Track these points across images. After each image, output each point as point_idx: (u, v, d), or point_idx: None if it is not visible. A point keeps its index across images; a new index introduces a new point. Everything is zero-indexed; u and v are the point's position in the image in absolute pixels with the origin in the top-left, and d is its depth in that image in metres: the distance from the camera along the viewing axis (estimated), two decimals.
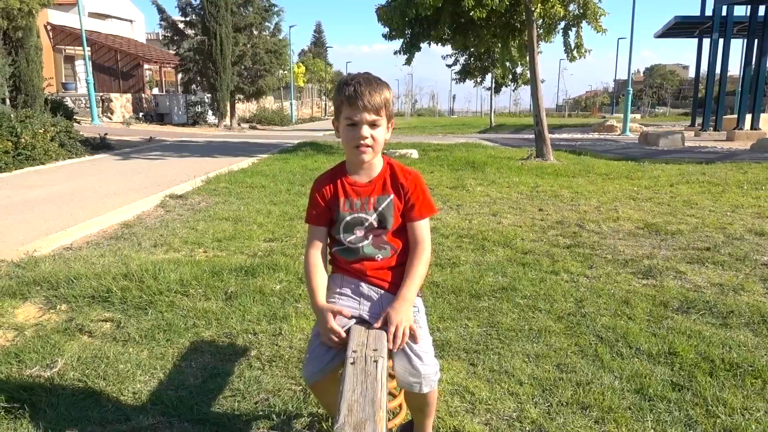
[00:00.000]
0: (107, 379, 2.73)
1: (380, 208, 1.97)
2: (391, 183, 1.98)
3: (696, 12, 25.88)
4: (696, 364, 2.85)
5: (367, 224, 1.97)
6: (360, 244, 1.97)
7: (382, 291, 1.98)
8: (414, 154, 13.41)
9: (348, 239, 1.97)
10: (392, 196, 1.97)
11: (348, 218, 1.97)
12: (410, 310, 1.90)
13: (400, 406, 2.19)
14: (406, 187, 1.97)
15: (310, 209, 2.01)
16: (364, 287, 1.98)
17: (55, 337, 3.17)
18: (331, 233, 2.02)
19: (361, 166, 1.97)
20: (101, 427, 2.38)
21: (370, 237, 1.97)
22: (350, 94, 1.85)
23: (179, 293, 3.81)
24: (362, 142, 1.88)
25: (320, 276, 1.98)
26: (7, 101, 15.07)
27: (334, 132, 1.99)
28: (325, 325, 1.88)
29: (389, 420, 2.04)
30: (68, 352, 2.97)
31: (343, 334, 1.86)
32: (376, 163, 1.98)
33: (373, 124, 1.88)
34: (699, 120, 26.97)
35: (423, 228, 2.00)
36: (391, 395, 2.20)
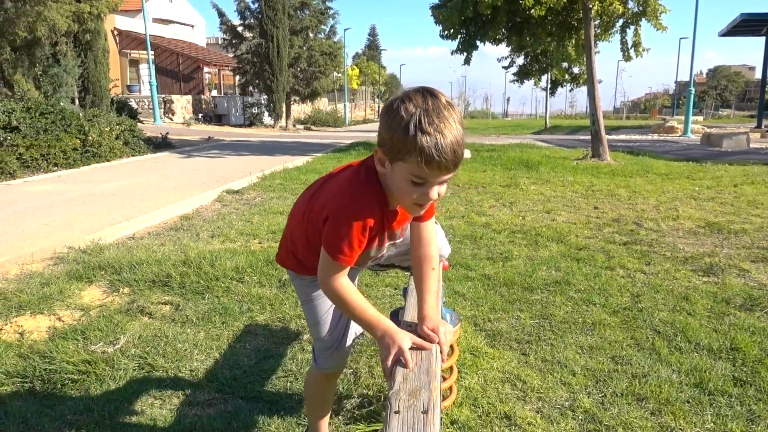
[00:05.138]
0: (166, 357, 2.83)
1: (402, 234, 1.71)
2: None
3: (764, 9, 24.81)
4: (759, 360, 2.75)
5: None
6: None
7: None
8: (467, 154, 13.31)
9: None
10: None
11: (372, 253, 1.66)
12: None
13: (450, 388, 2.19)
14: None
15: (352, 250, 1.48)
16: None
17: (118, 317, 3.31)
18: None
19: None
20: (160, 401, 2.48)
21: None
22: (429, 153, 1.29)
23: (235, 280, 3.91)
24: (428, 203, 1.47)
25: (362, 297, 1.56)
26: (76, 101, 15.78)
27: (376, 162, 1.47)
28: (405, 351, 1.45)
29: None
30: (130, 331, 3.10)
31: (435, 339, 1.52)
32: None
33: (443, 181, 1.42)
34: (766, 122, 25.84)
35: (430, 227, 1.67)
36: (442, 377, 2.19)
